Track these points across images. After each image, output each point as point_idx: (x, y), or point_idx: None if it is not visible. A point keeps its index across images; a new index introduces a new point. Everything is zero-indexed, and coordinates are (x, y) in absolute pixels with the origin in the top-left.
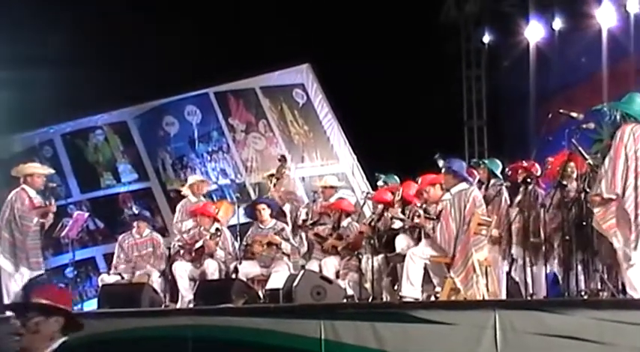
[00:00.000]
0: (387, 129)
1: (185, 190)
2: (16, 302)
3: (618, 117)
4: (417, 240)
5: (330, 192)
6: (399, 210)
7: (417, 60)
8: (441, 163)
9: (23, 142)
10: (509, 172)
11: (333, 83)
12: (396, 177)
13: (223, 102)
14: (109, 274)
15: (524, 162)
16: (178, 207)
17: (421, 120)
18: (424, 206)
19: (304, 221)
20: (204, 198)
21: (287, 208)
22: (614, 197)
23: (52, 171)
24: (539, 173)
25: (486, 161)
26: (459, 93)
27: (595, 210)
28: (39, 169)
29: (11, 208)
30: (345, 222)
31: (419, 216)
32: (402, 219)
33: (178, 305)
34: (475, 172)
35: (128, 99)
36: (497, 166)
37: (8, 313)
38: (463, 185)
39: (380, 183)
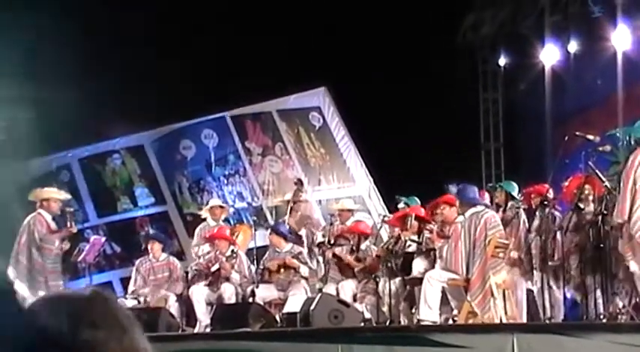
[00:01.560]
0: (404, 152)
1: (204, 213)
2: None
3: (632, 141)
4: (434, 263)
5: (347, 215)
6: (415, 233)
7: (433, 82)
8: (452, 191)
9: (40, 166)
10: (523, 198)
11: (350, 106)
12: (417, 199)
13: (240, 126)
14: (125, 298)
15: (535, 186)
16: (197, 230)
17: (438, 142)
18: (436, 226)
19: (321, 243)
20: (223, 223)
21: (303, 233)
22: (621, 222)
23: (69, 196)
24: (552, 196)
25: (502, 184)
26: (475, 115)
27: (619, 235)
28: (55, 194)
29: (29, 233)
30: (363, 245)
31: (431, 232)
32: (417, 242)
33: (195, 330)
34: (487, 195)
35: (145, 123)
36: (514, 188)
37: None
38: (477, 208)
39: (401, 205)
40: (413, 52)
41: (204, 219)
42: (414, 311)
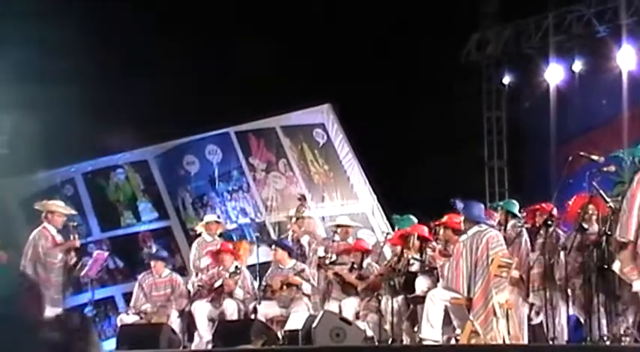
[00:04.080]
0: (408, 170)
1: (199, 228)
2: None
3: (636, 161)
4: (437, 282)
5: (347, 231)
6: (418, 251)
7: (437, 100)
8: (459, 207)
9: (44, 181)
10: (526, 215)
11: (354, 123)
12: (412, 217)
13: (244, 142)
14: (127, 314)
15: (541, 204)
16: (194, 245)
17: (442, 160)
18: (440, 244)
19: (322, 258)
20: (219, 238)
21: (305, 240)
22: (625, 241)
23: (74, 212)
24: (556, 214)
25: (502, 203)
26: (479, 133)
27: (618, 255)
28: (61, 208)
29: (34, 247)
30: (364, 263)
31: (433, 250)
32: (420, 261)
33: (193, 346)
34: (495, 214)
35: (149, 139)
36: (515, 206)
37: None
38: (480, 226)
39: (397, 225)
40: (418, 70)
41: (200, 234)
42: (416, 329)
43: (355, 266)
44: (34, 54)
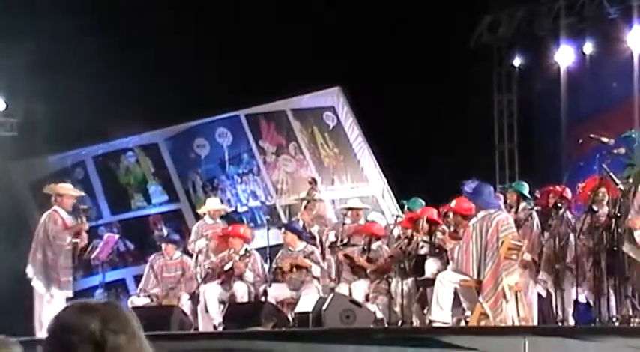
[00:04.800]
0: (418, 153)
1: (203, 210)
2: None
3: None
4: (447, 264)
5: (358, 214)
6: (427, 234)
7: (448, 83)
8: (467, 191)
9: (55, 164)
10: (540, 197)
11: (364, 106)
12: (421, 201)
13: (254, 125)
14: (138, 296)
15: (556, 186)
16: (194, 228)
17: (452, 143)
18: (451, 227)
19: (333, 242)
20: (220, 221)
21: (315, 230)
22: None
23: (83, 193)
24: (569, 197)
25: (514, 185)
26: (490, 116)
27: (636, 234)
28: (70, 191)
29: (45, 229)
30: (374, 246)
31: (443, 233)
32: (429, 243)
33: (200, 327)
34: (501, 196)
35: (159, 122)
36: (525, 188)
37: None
38: (490, 209)
39: (405, 208)
40: (428, 53)
41: (202, 217)
42: (426, 312)
43: (365, 248)
44: (46, 41)
